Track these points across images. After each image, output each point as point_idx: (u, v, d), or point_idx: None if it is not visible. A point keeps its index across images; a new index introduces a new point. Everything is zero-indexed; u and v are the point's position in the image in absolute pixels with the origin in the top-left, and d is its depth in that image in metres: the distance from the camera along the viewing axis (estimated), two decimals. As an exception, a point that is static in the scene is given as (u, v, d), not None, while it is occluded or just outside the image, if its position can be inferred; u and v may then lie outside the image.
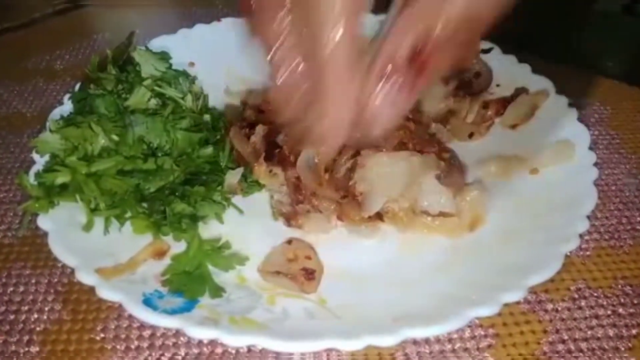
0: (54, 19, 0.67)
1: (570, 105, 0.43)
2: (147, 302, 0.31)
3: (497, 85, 0.48)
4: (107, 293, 0.31)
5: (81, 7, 0.69)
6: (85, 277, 0.32)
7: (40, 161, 0.39)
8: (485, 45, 0.48)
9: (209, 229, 0.38)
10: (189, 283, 0.33)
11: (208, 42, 0.52)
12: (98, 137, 0.38)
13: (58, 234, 0.34)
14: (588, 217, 0.35)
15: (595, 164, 0.38)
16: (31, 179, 0.37)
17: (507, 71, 0.47)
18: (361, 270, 0.36)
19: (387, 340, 0.29)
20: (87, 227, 0.36)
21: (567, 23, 0.59)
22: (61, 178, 0.37)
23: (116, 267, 0.33)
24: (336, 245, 0.38)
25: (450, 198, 0.36)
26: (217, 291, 0.34)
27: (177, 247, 0.36)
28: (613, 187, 0.43)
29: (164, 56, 0.46)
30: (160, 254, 0.35)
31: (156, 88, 0.42)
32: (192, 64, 0.50)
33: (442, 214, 0.37)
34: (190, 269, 0.35)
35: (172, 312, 0.30)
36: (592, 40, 0.58)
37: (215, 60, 0.51)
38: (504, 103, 0.45)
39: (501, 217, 0.38)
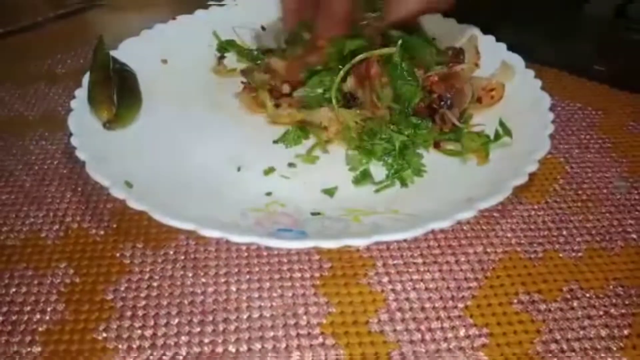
0: (55, 23, 0.68)
1: (499, 41, 0.52)
2: (274, 237, 0.34)
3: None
4: (239, 238, 0.33)
5: (83, 12, 0.70)
6: (210, 232, 0.34)
7: None
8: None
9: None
10: None
11: (176, 38, 0.55)
12: None
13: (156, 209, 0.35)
14: (550, 109, 0.43)
15: (536, 76, 0.47)
16: None
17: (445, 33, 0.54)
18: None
19: (467, 214, 0.34)
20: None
21: (558, 27, 0.60)
22: None
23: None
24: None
25: None
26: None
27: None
28: (604, 190, 0.44)
29: None
30: None
31: None
32: (164, 62, 0.53)
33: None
34: None
35: (299, 238, 0.35)
36: (583, 44, 0.59)
37: (187, 54, 0.54)
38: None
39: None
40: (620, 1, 0.60)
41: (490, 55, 0.51)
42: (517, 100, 0.47)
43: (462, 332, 0.34)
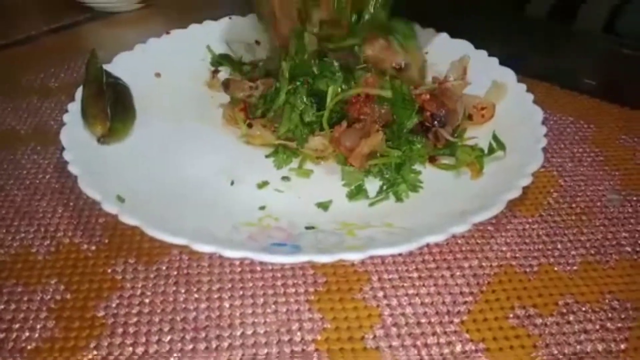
0: (49, 37, 0.68)
1: (490, 55, 0.53)
2: (268, 252, 0.34)
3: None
4: (232, 253, 0.33)
5: (77, 25, 0.70)
6: (203, 247, 0.34)
7: None
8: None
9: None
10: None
11: (170, 52, 0.56)
12: None
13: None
14: (543, 123, 0.44)
15: (527, 90, 0.48)
16: None
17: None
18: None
19: (461, 228, 0.35)
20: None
21: (549, 41, 0.61)
22: None
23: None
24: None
25: None
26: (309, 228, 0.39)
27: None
28: (598, 203, 0.44)
29: None
30: None
31: None
32: (158, 75, 0.54)
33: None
34: None
35: (293, 253, 0.34)
36: (574, 58, 0.60)
37: (181, 68, 0.55)
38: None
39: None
40: (617, 1, 0.61)
41: (482, 70, 0.52)
42: (509, 114, 0.48)
43: (458, 348, 0.34)
